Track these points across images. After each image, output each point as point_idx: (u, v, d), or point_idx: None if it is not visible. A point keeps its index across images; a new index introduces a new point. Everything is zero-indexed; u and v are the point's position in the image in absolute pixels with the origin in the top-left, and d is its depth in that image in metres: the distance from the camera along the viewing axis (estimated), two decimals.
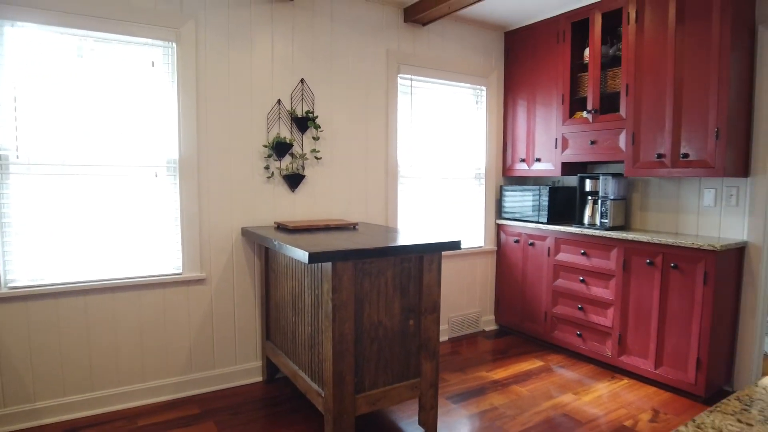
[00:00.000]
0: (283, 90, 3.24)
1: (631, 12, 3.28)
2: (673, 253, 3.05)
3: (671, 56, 3.08)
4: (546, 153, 3.96)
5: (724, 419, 0.82)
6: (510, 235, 4.21)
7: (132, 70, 2.81)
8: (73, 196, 2.71)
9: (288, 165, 3.28)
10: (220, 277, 3.11)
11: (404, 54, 3.72)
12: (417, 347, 2.56)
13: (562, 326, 3.77)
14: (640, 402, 3.00)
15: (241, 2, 3.07)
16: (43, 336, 2.66)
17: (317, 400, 2.44)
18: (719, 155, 2.88)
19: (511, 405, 2.96)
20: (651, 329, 3.18)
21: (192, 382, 3.05)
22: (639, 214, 3.66)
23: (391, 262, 2.42)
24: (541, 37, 3.94)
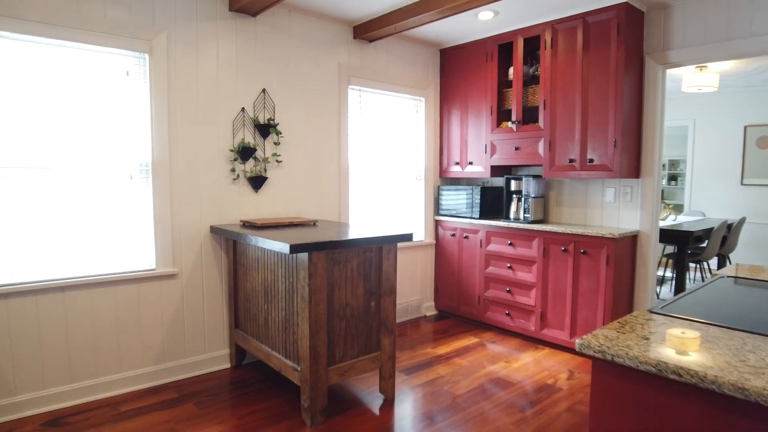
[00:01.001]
0: (246, 98, 3.53)
1: (547, 39, 3.89)
2: (582, 241, 3.68)
3: (579, 78, 3.71)
4: (477, 157, 4.52)
5: (609, 331, 1.31)
6: (447, 230, 4.73)
7: (108, 78, 2.99)
8: (53, 198, 2.86)
9: (252, 168, 3.57)
10: (191, 272, 3.35)
11: (354, 67, 4.12)
12: (378, 324, 2.97)
13: (494, 307, 4.34)
14: (559, 366, 3.60)
15: (209, 16, 3.33)
16: (23, 332, 2.79)
17: (293, 374, 2.78)
18: (617, 160, 3.54)
19: (455, 373, 3.45)
20: (566, 305, 3.80)
21: (166, 371, 3.27)
22: (555, 209, 4.30)
23: (356, 252, 2.82)
24: (472, 56, 4.49)
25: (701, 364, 1.08)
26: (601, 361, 1.23)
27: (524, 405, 2.99)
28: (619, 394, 1.20)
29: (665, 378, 1.11)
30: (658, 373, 1.10)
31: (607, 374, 1.22)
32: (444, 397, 3.10)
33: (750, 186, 6.69)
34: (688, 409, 1.09)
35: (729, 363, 1.08)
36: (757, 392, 0.96)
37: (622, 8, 3.43)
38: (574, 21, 3.70)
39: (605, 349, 1.19)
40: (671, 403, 1.11)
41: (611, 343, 1.21)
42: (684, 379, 1.06)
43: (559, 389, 3.21)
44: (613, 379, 1.21)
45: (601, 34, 3.57)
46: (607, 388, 1.23)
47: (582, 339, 1.25)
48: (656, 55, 3.60)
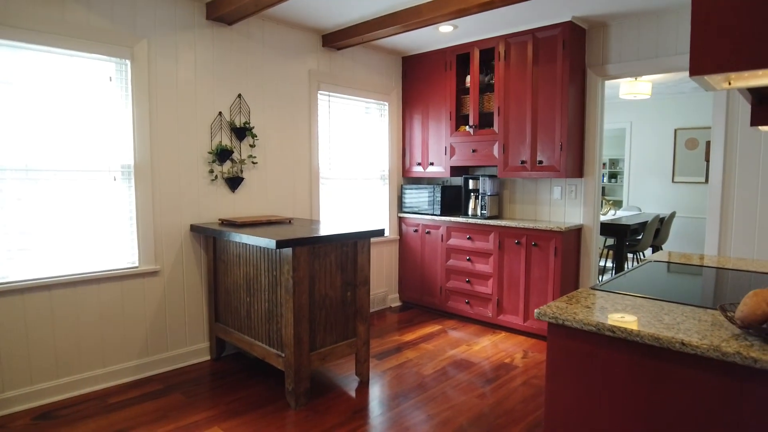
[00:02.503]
0: (223, 103, 3.71)
1: (501, 51, 4.27)
2: (533, 234, 4.08)
3: (530, 87, 4.11)
4: (438, 158, 4.85)
5: (560, 302, 1.65)
6: (410, 226, 5.05)
7: (92, 84, 3.11)
8: (37, 199, 2.96)
9: (229, 169, 3.76)
10: (172, 268, 3.50)
11: (323, 74, 4.36)
12: (353, 313, 3.25)
13: (454, 297, 4.69)
14: (514, 347, 3.99)
15: (187, 25, 3.49)
16: (11, 329, 2.88)
17: (277, 361, 3.02)
18: (563, 162, 3.95)
19: (422, 357, 3.77)
20: (520, 292, 4.19)
21: (149, 364, 3.42)
22: (509, 206, 4.70)
23: (334, 246, 3.08)
24: (433, 64, 4.82)
25: (628, 323, 1.42)
26: (555, 325, 1.55)
27: (485, 382, 3.34)
28: (569, 349, 1.53)
29: (603, 335, 1.45)
30: (597, 331, 1.43)
31: (559, 336, 1.55)
32: (413, 378, 3.40)
33: (680, 183, 7.38)
34: (620, 357, 1.43)
35: (649, 322, 1.43)
36: (667, 340, 1.31)
37: (567, 26, 3.84)
38: (525, 36, 4.09)
39: (557, 315, 1.52)
40: (608, 354, 1.45)
41: (561, 311, 1.54)
42: (616, 334, 1.40)
43: (516, 367, 3.58)
44: (564, 339, 1.54)
45: (548, 48, 3.97)
46: (559, 346, 1.55)
47: (539, 309, 1.58)
48: (596, 68, 4.04)
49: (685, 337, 1.30)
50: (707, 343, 1.25)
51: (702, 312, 1.54)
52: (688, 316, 1.49)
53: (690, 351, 1.27)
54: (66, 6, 2.96)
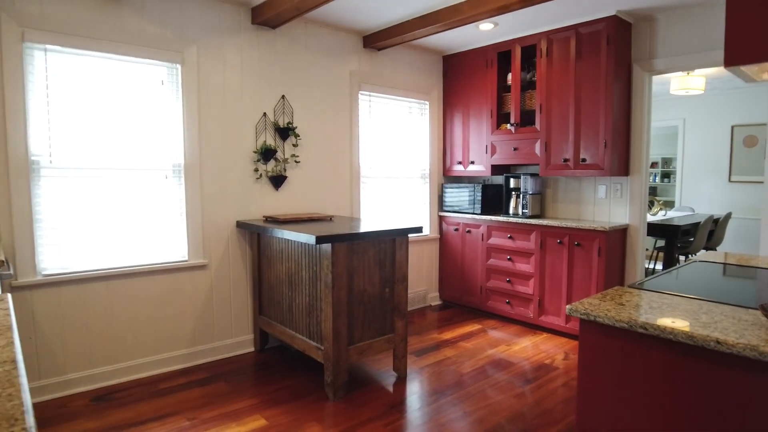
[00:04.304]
0: (267, 104, 3.84)
1: (543, 47, 4.21)
2: (576, 234, 4.00)
3: (573, 83, 4.03)
4: (478, 157, 4.83)
5: (593, 299, 1.63)
6: (450, 225, 5.06)
7: (145, 87, 3.30)
8: (96, 196, 3.16)
9: (273, 168, 3.89)
10: (219, 263, 3.66)
11: (364, 74, 4.43)
12: (391, 309, 3.29)
13: (495, 297, 4.66)
14: (555, 348, 3.93)
15: (233, 29, 3.63)
16: (72, 316, 3.10)
17: (316, 353, 3.10)
18: (607, 160, 3.86)
19: (461, 355, 3.77)
20: (562, 293, 4.12)
21: (197, 354, 3.58)
22: (551, 205, 4.62)
23: (372, 243, 3.14)
24: (473, 62, 4.81)
25: (662, 321, 1.40)
26: (586, 321, 1.55)
27: (523, 382, 3.31)
28: (601, 346, 1.52)
29: (635, 332, 1.43)
30: (629, 328, 1.42)
31: (591, 333, 1.54)
32: (451, 375, 3.42)
33: (737, 183, 7.02)
34: (653, 355, 1.41)
35: (685, 321, 1.40)
36: (701, 338, 1.28)
37: (612, 21, 3.75)
38: (568, 32, 4.02)
39: (589, 312, 1.51)
40: (640, 352, 1.43)
41: (593, 308, 1.53)
42: (649, 332, 1.38)
43: (556, 368, 3.53)
44: (596, 336, 1.53)
45: (592, 43, 3.89)
46: (591, 343, 1.54)
47: (571, 305, 1.57)
48: (643, 63, 3.93)
49: (721, 335, 1.27)
50: (744, 342, 1.22)
51: (743, 312, 1.49)
52: (727, 316, 1.45)
53: (725, 350, 1.24)
54: (123, 14, 3.15)
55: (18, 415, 0.75)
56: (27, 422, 0.72)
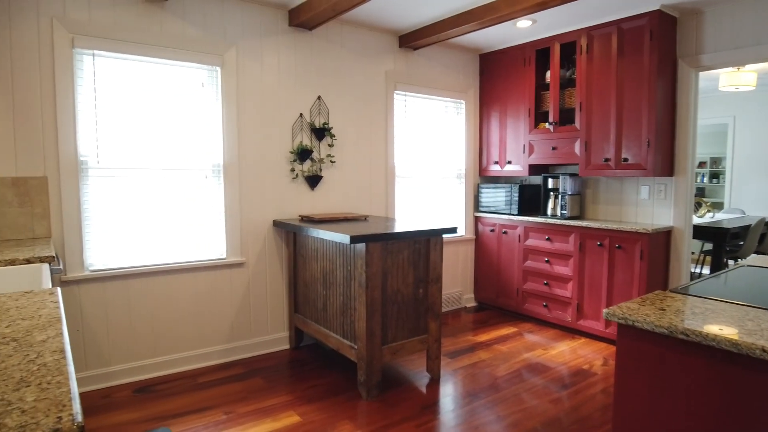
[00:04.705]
0: (304, 105, 3.89)
1: (583, 44, 4.11)
2: (617, 236, 3.89)
3: (614, 80, 3.92)
4: (515, 156, 4.76)
5: (632, 303, 1.59)
6: (486, 226, 5.00)
7: (186, 89, 3.40)
8: (140, 195, 3.28)
9: (309, 168, 3.94)
10: (256, 261, 3.74)
11: (399, 74, 4.44)
12: (425, 309, 3.28)
13: (531, 299, 4.58)
14: (594, 354, 3.83)
15: (271, 32, 3.70)
16: (117, 311, 3.23)
17: (350, 352, 3.12)
18: (650, 160, 3.73)
19: (495, 358, 3.73)
20: (602, 297, 4.01)
21: (234, 349, 3.67)
22: (591, 206, 4.51)
23: (406, 243, 3.14)
24: (511, 60, 4.74)
25: (705, 327, 1.34)
26: (624, 326, 1.50)
27: (560, 387, 3.25)
28: (639, 352, 1.47)
29: (675, 338, 1.38)
30: (669, 334, 1.37)
31: (629, 337, 1.50)
32: (485, 378, 3.38)
33: None
34: (694, 362, 1.35)
35: (729, 327, 1.35)
36: (746, 346, 1.23)
37: (655, 15, 3.63)
38: (609, 27, 3.91)
39: (627, 316, 1.47)
40: (680, 358, 1.38)
41: (632, 312, 1.49)
42: (690, 338, 1.33)
43: (594, 374, 3.45)
44: (634, 341, 1.49)
45: (634, 39, 3.77)
46: (629, 348, 1.50)
47: (608, 309, 1.53)
48: (689, 59, 3.78)
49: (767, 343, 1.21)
50: None
51: None
52: None
53: None
54: (166, 19, 3.26)
55: (66, 401, 0.79)
56: (74, 408, 0.76)
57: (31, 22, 2.87)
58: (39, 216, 2.96)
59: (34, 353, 1.02)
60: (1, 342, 1.09)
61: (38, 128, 2.93)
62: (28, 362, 0.97)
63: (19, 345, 1.07)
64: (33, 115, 2.91)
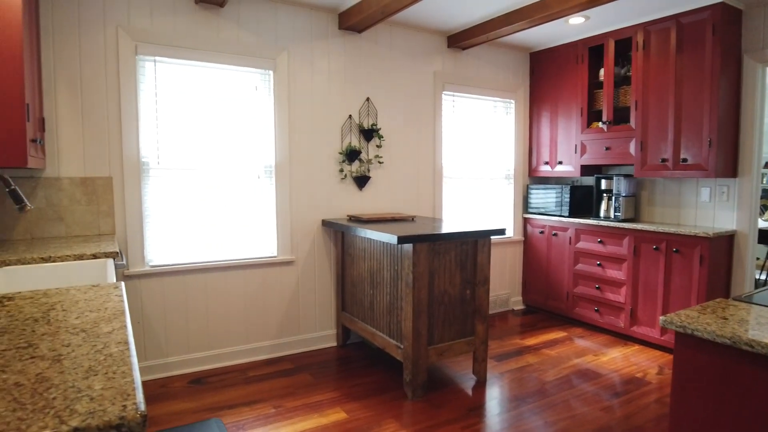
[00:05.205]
0: (353, 106, 3.94)
1: (639, 40, 3.96)
2: (675, 240, 3.73)
3: (672, 77, 3.76)
4: (567, 157, 4.64)
5: (691, 311, 1.52)
6: (535, 227, 4.90)
7: (240, 92, 3.52)
8: (196, 194, 3.42)
9: (357, 168, 3.99)
10: (305, 260, 3.82)
11: (447, 74, 4.42)
12: (472, 311, 3.26)
13: (582, 303, 4.46)
14: (648, 362, 3.68)
15: (322, 35, 3.77)
16: (174, 305, 3.38)
17: (396, 351, 3.14)
18: (712, 160, 3.56)
19: (543, 362, 3.65)
20: (657, 303, 3.85)
21: (283, 345, 3.76)
22: (647, 208, 4.34)
23: (453, 244, 3.12)
24: (562, 58, 4.62)
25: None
26: (683, 335, 1.44)
27: (612, 395, 3.14)
28: (698, 362, 1.41)
29: (739, 349, 1.32)
30: (732, 345, 1.31)
31: (688, 346, 1.44)
32: (533, 383, 3.32)
33: None
34: (759, 375, 1.29)
35: None
36: None
37: (718, 8, 3.45)
38: (667, 22, 3.75)
39: (686, 324, 1.41)
40: (744, 371, 1.32)
41: (692, 321, 1.43)
42: (755, 349, 1.26)
43: (648, 383, 3.32)
44: (693, 351, 1.42)
45: (695, 34, 3.60)
46: (688, 358, 1.44)
47: (666, 317, 1.47)
48: (756, 54, 3.57)
49: None
50: None
51: None
52: None
53: None
54: (221, 26, 3.38)
55: (130, 390, 0.84)
56: (137, 398, 0.81)
57: (98, 31, 3.04)
58: (104, 214, 3.13)
59: (101, 344, 1.08)
60: (71, 332, 1.17)
61: (104, 131, 3.10)
62: (95, 352, 1.03)
63: (88, 336, 1.14)
64: (99, 118, 3.09)
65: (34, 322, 1.25)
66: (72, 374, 0.91)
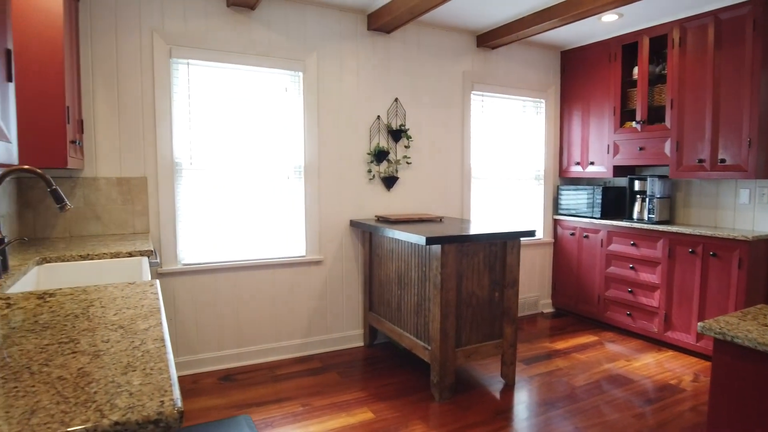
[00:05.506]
0: (381, 107, 3.95)
1: (675, 37, 3.85)
2: (712, 243, 3.61)
3: (710, 75, 3.64)
4: (599, 157, 4.55)
5: (731, 318, 1.47)
6: (566, 229, 4.82)
7: (270, 93, 3.56)
8: (226, 195, 3.48)
9: (385, 169, 3.99)
10: (333, 259, 3.84)
11: (477, 74, 4.39)
12: (500, 313, 3.23)
13: (614, 307, 4.36)
14: (683, 368, 3.58)
15: (350, 36, 3.79)
16: (205, 302, 3.44)
17: (423, 353, 3.13)
18: (752, 161, 3.43)
19: (573, 367, 3.59)
20: (693, 308, 3.74)
21: (311, 344, 3.79)
22: (682, 210, 4.22)
23: (482, 246, 3.10)
24: (595, 57, 4.53)
25: None
26: (721, 342, 1.40)
27: (644, 402, 3.07)
28: (738, 371, 1.37)
29: None
30: None
31: (727, 354, 1.39)
32: (562, 387, 3.26)
33: None
34: None
35: None
36: None
37: (759, 2, 3.33)
38: (705, 18, 3.64)
39: (726, 331, 1.37)
40: None
41: (732, 327, 1.38)
42: None
43: (683, 390, 3.22)
44: (732, 358, 1.38)
45: (734, 29, 3.48)
46: (727, 366, 1.39)
47: (704, 323, 1.43)
48: None
49: None
50: None
51: None
52: None
53: None
54: (252, 28, 3.43)
55: (167, 387, 0.86)
56: (174, 394, 0.83)
57: (134, 35, 3.13)
58: (139, 213, 3.22)
59: (138, 340, 1.11)
60: (110, 328, 1.20)
61: (139, 132, 3.19)
62: (133, 348, 1.06)
63: (126, 332, 1.17)
64: (135, 120, 3.17)
65: (75, 318, 1.29)
66: (111, 369, 0.94)
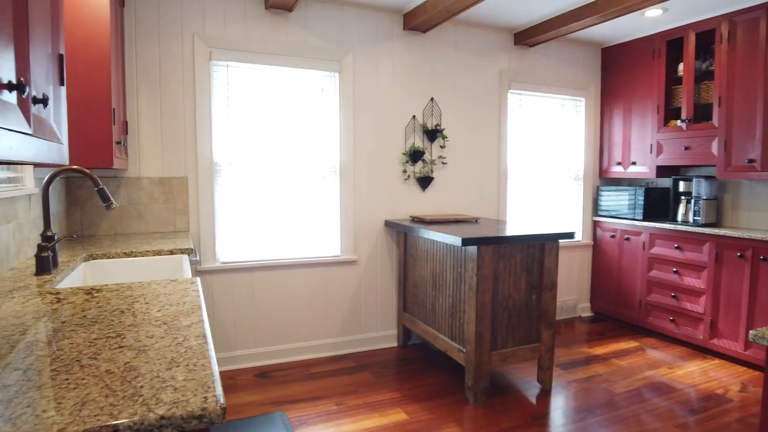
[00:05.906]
0: (416, 107, 3.94)
1: (724, 32, 3.70)
2: (763, 247, 3.45)
3: (762, 72, 3.48)
4: (641, 157, 4.41)
5: None
6: (606, 231, 4.69)
7: (307, 94, 3.60)
8: (263, 194, 3.53)
9: (420, 169, 3.98)
10: (367, 260, 3.85)
11: (514, 72, 4.32)
12: (538, 317, 3.16)
13: (656, 312, 4.22)
14: (730, 377, 3.43)
15: (386, 36, 3.79)
16: (242, 300, 3.50)
17: (458, 355, 3.10)
18: None
19: (613, 373, 3.49)
20: (741, 315, 3.58)
21: (345, 343, 3.81)
22: (731, 212, 4.04)
23: (519, 247, 3.04)
24: (637, 54, 4.40)
25: None
26: None
27: (687, 411, 2.95)
28: None
29: None
30: None
31: None
32: (601, 394, 3.17)
33: None
34: None
35: None
36: None
37: None
38: (757, 11, 3.47)
39: None
40: None
41: None
42: None
43: (730, 400, 3.09)
44: None
45: None
46: None
47: (756, 330, 1.36)
48: None
49: None
50: None
51: None
52: None
53: None
54: (290, 30, 3.47)
55: (210, 383, 0.87)
56: (216, 390, 0.84)
57: (176, 39, 3.21)
58: (180, 212, 3.30)
59: (182, 336, 1.14)
60: (154, 324, 1.23)
61: (180, 133, 3.27)
62: (176, 344, 1.08)
63: (169, 328, 1.20)
64: (176, 121, 3.26)
65: (121, 314, 1.33)
66: (156, 365, 0.96)
